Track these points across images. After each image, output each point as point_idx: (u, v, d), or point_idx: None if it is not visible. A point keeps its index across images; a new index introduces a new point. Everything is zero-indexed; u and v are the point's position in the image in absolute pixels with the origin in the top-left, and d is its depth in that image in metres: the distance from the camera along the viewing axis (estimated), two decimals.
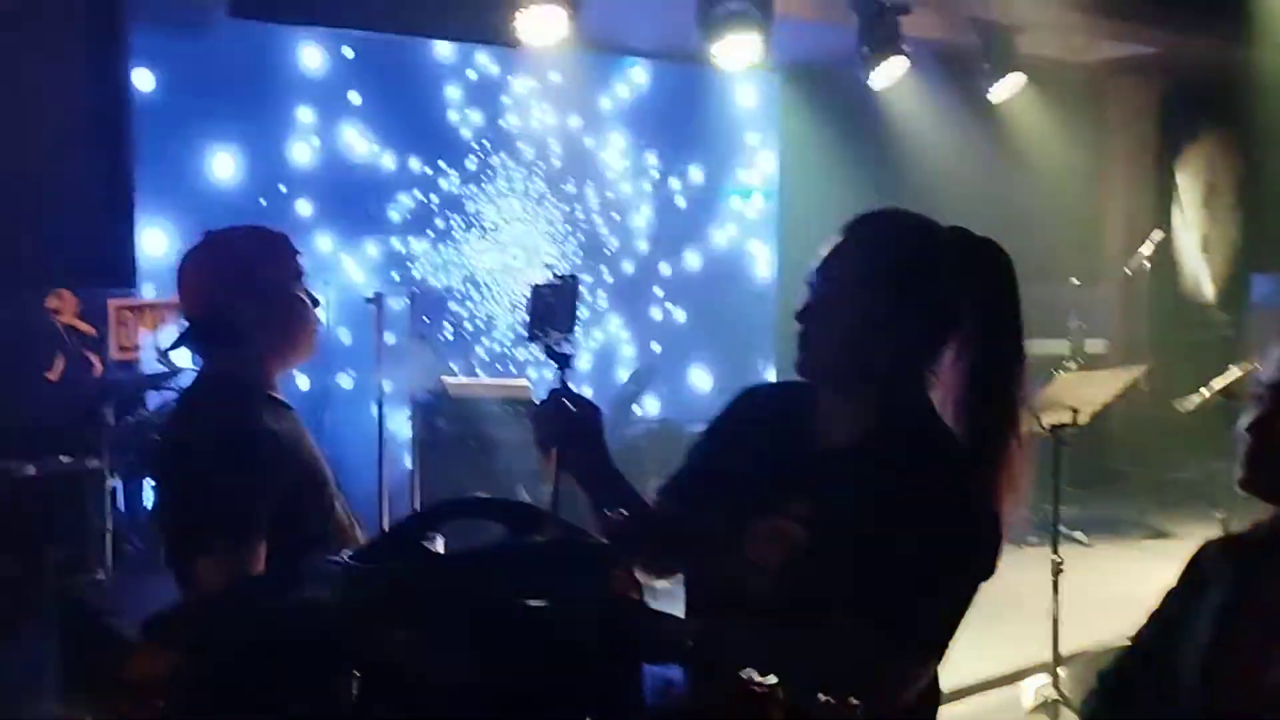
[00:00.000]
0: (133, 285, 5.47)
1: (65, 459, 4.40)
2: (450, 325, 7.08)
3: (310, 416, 5.44)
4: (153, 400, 5.76)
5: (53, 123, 5.38)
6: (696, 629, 1.36)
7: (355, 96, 7.03)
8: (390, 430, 5.01)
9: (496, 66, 7.57)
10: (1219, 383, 5.86)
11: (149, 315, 5.17)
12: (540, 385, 6.19)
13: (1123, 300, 8.72)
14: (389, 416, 4.96)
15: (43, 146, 5.33)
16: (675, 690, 1.26)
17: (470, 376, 6.56)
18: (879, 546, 1.60)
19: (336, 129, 7.03)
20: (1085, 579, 5.09)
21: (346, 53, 6.94)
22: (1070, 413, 4.69)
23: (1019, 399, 1.70)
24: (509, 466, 5.55)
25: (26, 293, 4.75)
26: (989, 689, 4.72)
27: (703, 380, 8.47)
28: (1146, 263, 7.56)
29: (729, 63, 6.15)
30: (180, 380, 5.28)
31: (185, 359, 4.32)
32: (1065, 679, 4.44)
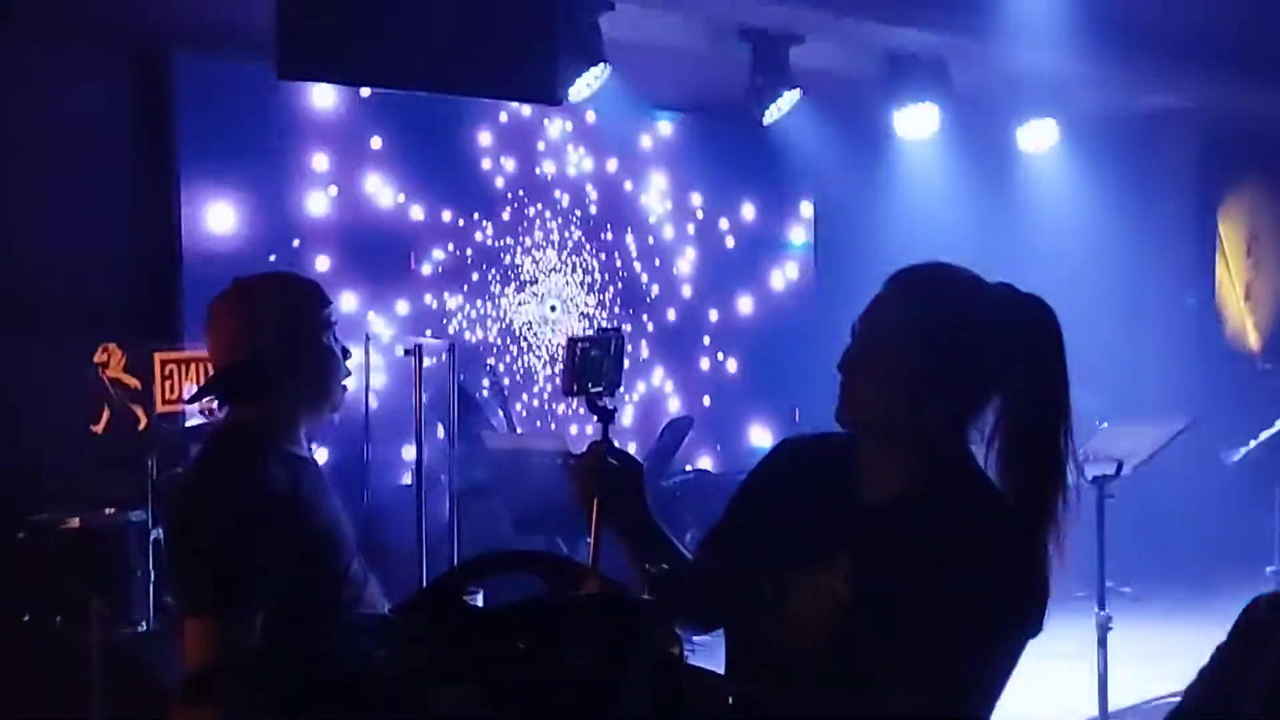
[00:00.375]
0: (179, 339, 5.52)
1: (109, 511, 4.45)
2: (488, 380, 7.02)
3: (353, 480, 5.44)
4: (195, 452, 5.72)
5: (103, 182, 5.50)
6: (737, 686, 1.35)
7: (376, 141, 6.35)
8: (428, 481, 5.00)
9: (528, 108, 6.83)
10: (1266, 435, 5.78)
11: (194, 368, 5.22)
12: (579, 440, 6.11)
13: (1168, 351, 8.64)
14: (427, 470, 4.96)
15: (91, 205, 5.44)
16: None
17: (509, 431, 6.56)
18: (924, 604, 1.58)
19: (357, 176, 6.28)
20: (1132, 633, 5.03)
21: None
22: (1115, 464, 4.65)
23: (1064, 454, 1.69)
24: (548, 519, 5.53)
25: (75, 347, 4.83)
26: None
27: (761, 436, 7.87)
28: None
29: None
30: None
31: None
32: None
